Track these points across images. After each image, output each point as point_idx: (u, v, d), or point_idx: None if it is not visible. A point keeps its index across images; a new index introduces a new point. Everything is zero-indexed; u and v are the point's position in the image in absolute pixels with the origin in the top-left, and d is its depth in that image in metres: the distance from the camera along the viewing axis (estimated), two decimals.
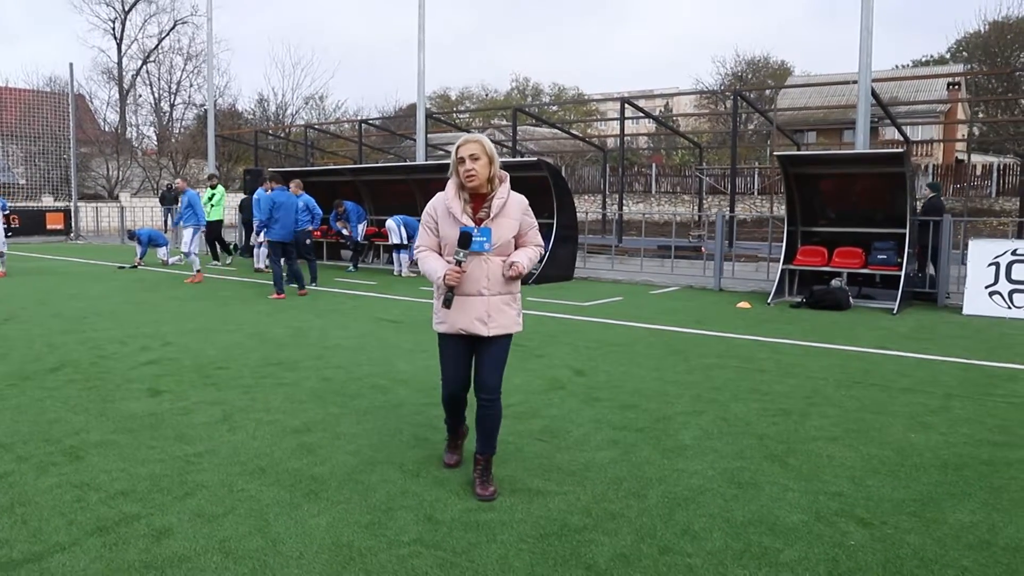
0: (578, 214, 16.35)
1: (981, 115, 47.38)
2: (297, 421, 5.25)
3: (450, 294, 3.87)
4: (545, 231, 14.72)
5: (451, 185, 3.97)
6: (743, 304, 11.47)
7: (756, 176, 38.05)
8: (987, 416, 5.54)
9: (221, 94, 46.79)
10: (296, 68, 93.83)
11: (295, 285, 12.41)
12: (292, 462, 4.44)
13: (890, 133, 36.42)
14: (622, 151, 26.45)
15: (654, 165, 42.79)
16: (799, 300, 11.54)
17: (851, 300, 11.32)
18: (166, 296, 11.95)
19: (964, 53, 52.27)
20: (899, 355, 7.75)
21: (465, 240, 3.80)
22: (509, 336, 4.04)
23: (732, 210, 19.96)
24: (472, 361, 4.10)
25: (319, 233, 18.28)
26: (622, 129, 25.70)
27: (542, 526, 3.62)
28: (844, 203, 12.52)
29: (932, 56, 56.26)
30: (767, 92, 47.27)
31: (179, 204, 15.05)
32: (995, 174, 33.80)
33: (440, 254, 4.01)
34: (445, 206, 3.94)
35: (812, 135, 43.07)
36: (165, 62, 51.92)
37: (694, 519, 3.72)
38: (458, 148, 3.92)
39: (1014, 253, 10.56)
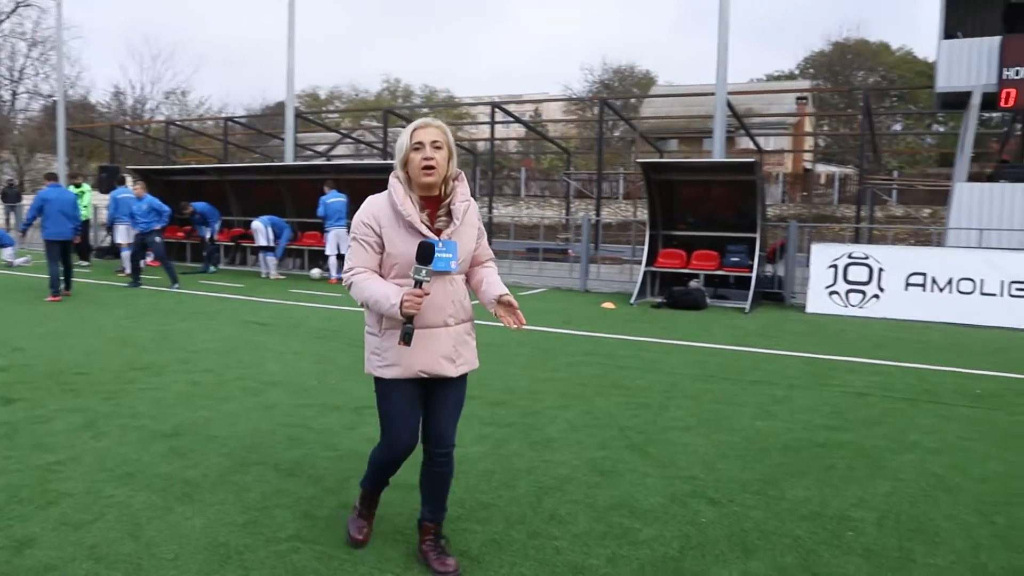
0: None
1: (826, 128, 50.84)
2: (166, 426, 5.15)
3: (409, 326, 2.96)
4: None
5: (396, 184, 3.08)
6: (608, 304, 11.97)
7: (621, 181, 39.38)
8: (824, 404, 6.10)
9: (72, 84, 44.13)
10: (156, 61, 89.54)
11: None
12: (163, 466, 4.38)
13: (745, 143, 38.54)
14: (492, 155, 26.84)
15: (524, 169, 43.56)
16: (660, 300, 12.14)
17: (708, 300, 12.02)
18: (14, 300, 11.27)
19: (811, 70, 55.97)
20: (750, 351, 8.35)
21: (427, 254, 2.93)
22: (466, 377, 3.29)
23: (598, 214, 20.69)
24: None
25: (183, 234, 17.67)
26: (492, 133, 26.08)
27: (417, 518, 3.75)
28: (702, 208, 13.27)
29: (783, 71, 59.88)
30: (632, 100, 49.00)
31: (126, 208, 14.57)
32: (837, 183, 36.47)
33: (383, 276, 3.12)
34: (393, 212, 3.05)
35: (674, 143, 44.99)
36: (5, 47, 48.33)
37: (560, 505, 3.95)
38: (414, 131, 3.05)
39: (850, 256, 11.53)
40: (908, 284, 11.23)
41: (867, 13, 73.61)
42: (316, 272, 15.29)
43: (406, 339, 2.97)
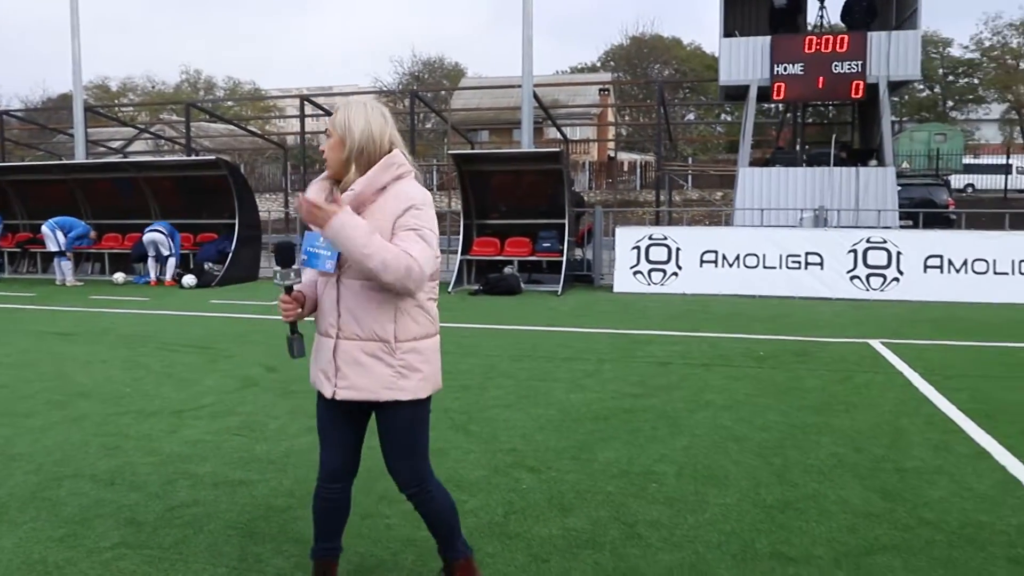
0: (261, 213, 16.09)
1: (627, 118, 53.62)
2: None
3: (294, 335, 2.80)
4: (227, 232, 14.34)
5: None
6: None
7: (435, 173, 39.68)
8: (630, 374, 6.62)
9: None
10: None
11: None
12: None
13: (553, 133, 39.98)
14: (303, 149, 26.28)
15: None
16: (476, 288, 12.51)
17: (522, 285, 12.52)
18: None
19: (612, 63, 58.76)
20: (563, 330, 8.84)
21: (284, 255, 2.70)
22: (400, 407, 2.71)
23: None
24: (359, 436, 2.92)
25: None
26: (302, 126, 25.54)
27: (248, 512, 3.78)
28: (513, 197, 13.75)
29: (587, 64, 62.44)
30: (443, 92, 49.38)
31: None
32: (639, 170, 38.68)
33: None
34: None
35: (485, 134, 45.83)
36: None
37: (390, 487, 4.04)
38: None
39: (651, 238, 12.40)
40: (702, 261, 12.25)
41: (661, 10, 78.36)
42: (119, 276, 14.40)
43: (290, 348, 2.81)
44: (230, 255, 13.92)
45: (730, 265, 12.15)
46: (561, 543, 3.47)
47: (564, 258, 12.57)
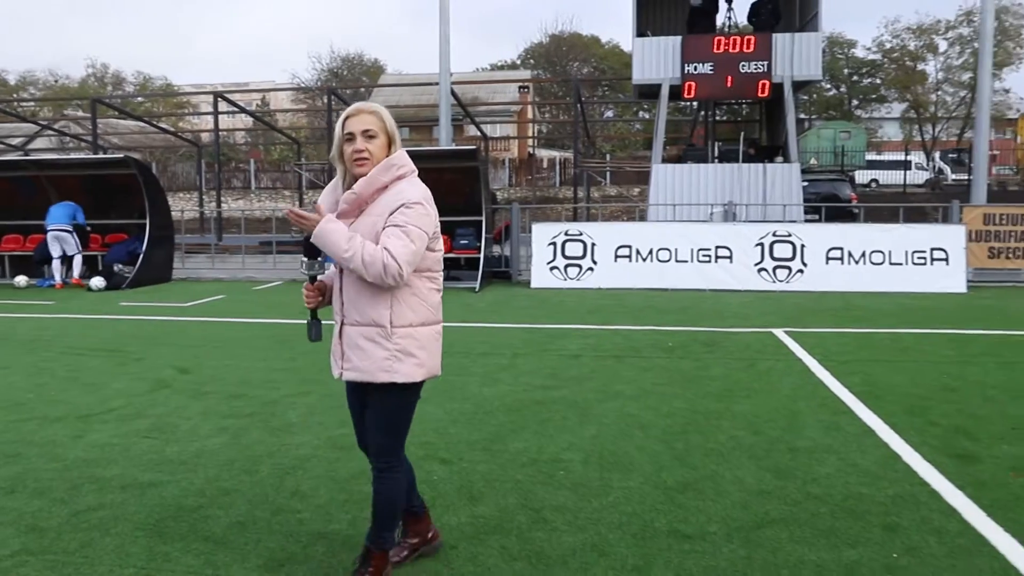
0: (173, 213, 15.71)
1: (547, 115, 54.08)
2: None
3: (314, 321, 3.03)
4: (138, 233, 13.97)
5: (339, 171, 2.99)
6: None
7: None
8: (543, 367, 6.78)
9: None
10: None
11: None
12: None
13: (473, 130, 40.07)
14: (217, 146, 25.71)
15: (252, 161, 41.99)
16: None
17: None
18: None
19: (532, 60, 59.16)
20: (480, 326, 8.95)
21: (311, 247, 2.89)
22: (393, 388, 2.92)
23: None
24: None
25: None
26: (216, 123, 24.98)
27: (157, 513, 3.77)
28: (432, 194, 13.73)
29: (506, 62, 62.71)
30: (362, 90, 48.89)
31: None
32: (558, 166, 39.10)
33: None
34: (332, 199, 2.99)
35: (406, 131, 45.62)
36: None
37: (303, 482, 4.15)
38: (345, 121, 2.90)
39: (567, 234, 12.63)
40: (617, 256, 12.54)
41: (580, 8, 79.28)
42: (21, 280, 13.85)
43: (308, 332, 3.08)
44: (141, 256, 13.56)
45: (644, 259, 12.48)
46: (469, 530, 3.58)
47: (482, 255, 12.69)
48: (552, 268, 12.54)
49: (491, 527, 3.60)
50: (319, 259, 2.93)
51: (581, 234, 12.62)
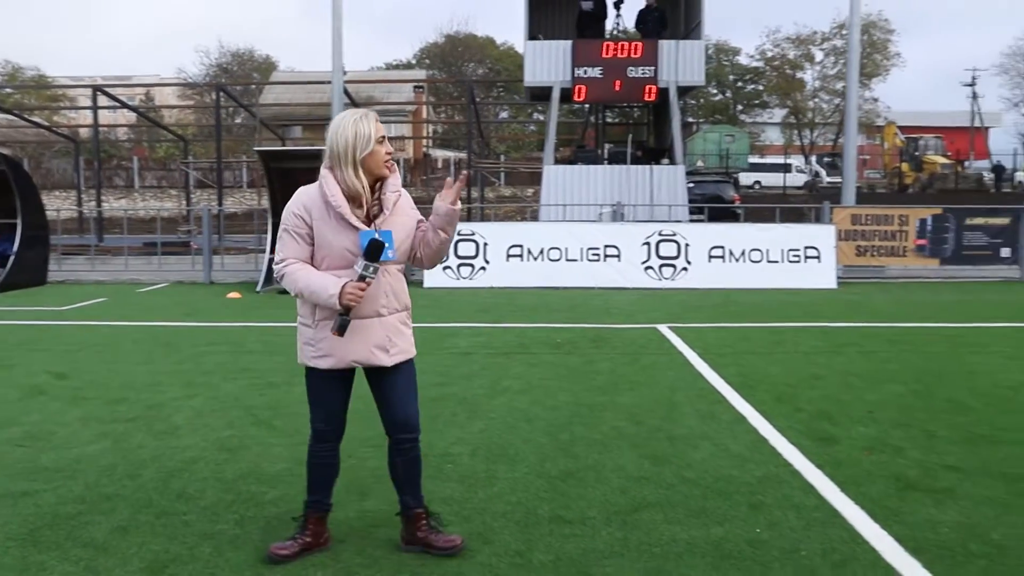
0: (49, 212, 14.96)
1: (442, 116, 54.07)
2: None
3: (345, 318, 3.05)
4: (9, 233, 13.25)
5: (328, 176, 3.10)
6: (233, 294, 11.88)
7: (245, 170, 38.32)
8: (435, 365, 6.86)
9: None
10: None
11: None
12: None
13: None
14: (97, 143, 24.60)
15: (136, 158, 40.29)
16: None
17: None
18: None
19: (427, 60, 59.02)
20: None
21: (376, 250, 2.99)
22: (412, 361, 3.38)
23: (220, 204, 20.10)
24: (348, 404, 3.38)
25: None
26: (96, 119, 23.90)
27: (31, 522, 3.66)
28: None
29: (402, 61, 62.34)
30: (252, 86, 47.65)
31: None
32: (453, 167, 39.23)
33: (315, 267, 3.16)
34: (324, 204, 3.09)
35: (299, 129, 44.73)
36: None
37: (188, 484, 4.11)
38: (377, 124, 3.11)
39: (459, 234, 12.70)
40: (509, 255, 12.74)
41: (476, 9, 79.58)
42: None
43: (340, 330, 3.05)
44: (12, 258, 12.87)
45: (535, 259, 12.72)
46: (358, 524, 3.64)
47: None
48: (445, 268, 12.62)
49: (379, 520, 3.67)
50: (375, 263, 3.03)
51: (473, 234, 12.76)
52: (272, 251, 12.93)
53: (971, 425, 5.17)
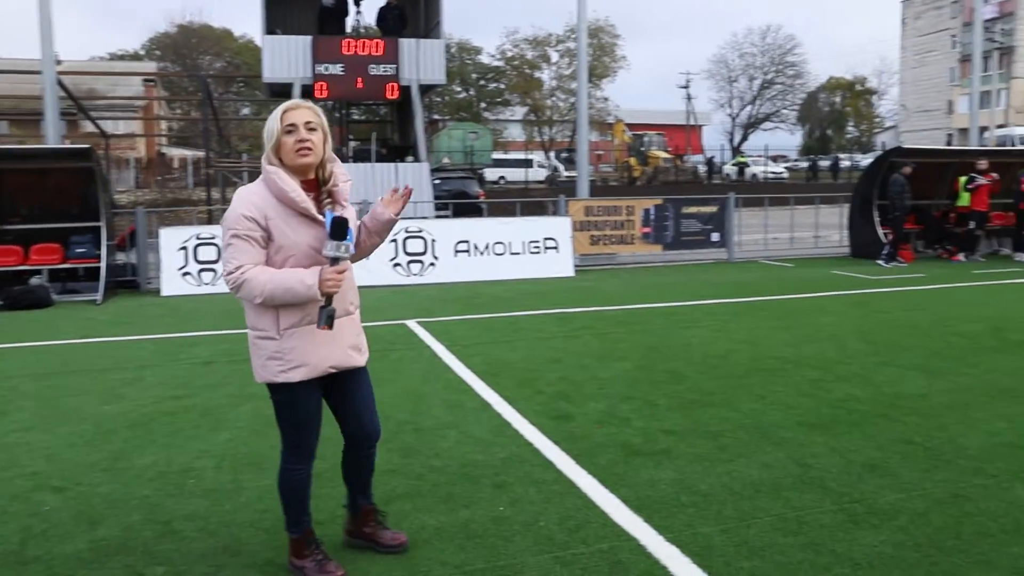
0: None
1: (178, 112, 50.71)
2: None
3: (330, 308, 2.82)
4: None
5: (280, 172, 2.88)
6: None
7: None
8: (173, 378, 6.49)
9: None
10: None
11: None
12: None
13: (90, 126, 36.25)
14: None
15: None
16: None
17: (54, 296, 11.32)
18: None
19: (158, 52, 54.93)
20: (101, 341, 8.25)
21: (341, 228, 2.80)
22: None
23: None
24: None
25: None
26: None
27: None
28: (38, 198, 12.33)
29: (128, 51, 57.51)
30: None
31: None
32: (191, 167, 36.94)
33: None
34: (278, 201, 2.87)
35: (5, 125, 39.91)
36: None
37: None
38: (284, 114, 2.89)
39: (198, 237, 12.08)
40: None
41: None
42: None
43: (328, 322, 2.80)
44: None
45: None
46: (88, 556, 3.41)
47: (103, 264, 11.63)
48: (185, 274, 11.90)
49: (114, 548, 3.46)
50: (344, 242, 2.82)
51: (214, 238, 12.15)
52: None
53: (685, 392, 5.82)
